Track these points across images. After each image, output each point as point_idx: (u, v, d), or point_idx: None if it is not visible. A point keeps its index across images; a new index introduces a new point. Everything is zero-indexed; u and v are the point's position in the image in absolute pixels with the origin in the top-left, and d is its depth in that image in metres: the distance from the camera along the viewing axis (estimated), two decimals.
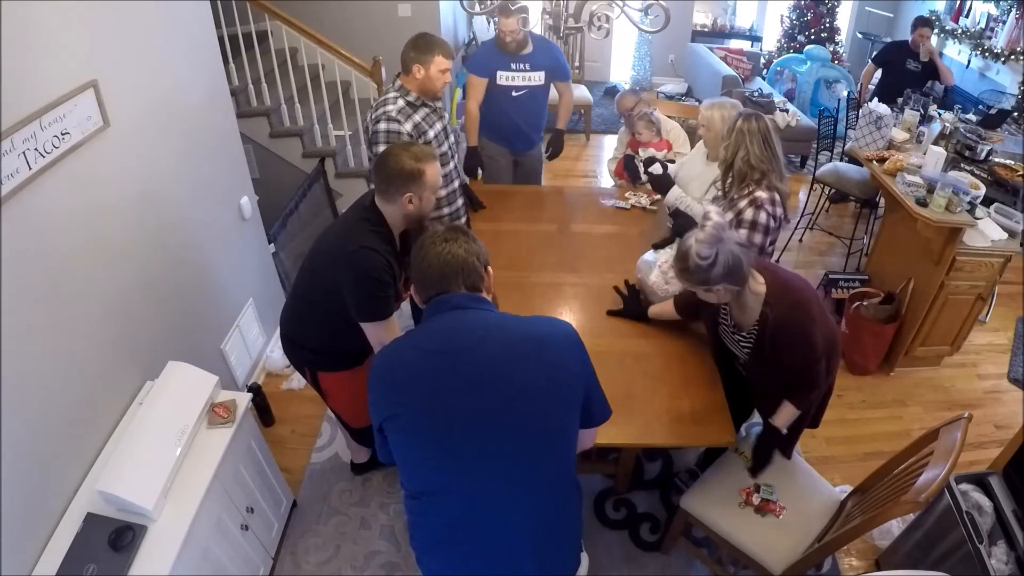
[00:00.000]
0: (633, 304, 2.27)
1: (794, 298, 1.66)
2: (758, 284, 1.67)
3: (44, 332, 1.60)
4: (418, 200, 1.78)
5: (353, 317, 1.79)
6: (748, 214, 2.00)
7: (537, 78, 3.08)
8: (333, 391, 2.10)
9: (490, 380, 1.24)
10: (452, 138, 2.62)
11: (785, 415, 1.81)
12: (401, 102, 2.39)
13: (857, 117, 4.18)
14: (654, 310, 2.22)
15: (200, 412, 1.86)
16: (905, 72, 4.49)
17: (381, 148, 2.28)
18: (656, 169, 2.56)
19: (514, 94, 3.09)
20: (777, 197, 2.02)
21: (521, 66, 3.04)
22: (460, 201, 2.71)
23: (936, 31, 5.56)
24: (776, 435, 1.88)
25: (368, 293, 1.75)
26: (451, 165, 2.59)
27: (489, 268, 1.40)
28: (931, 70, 4.46)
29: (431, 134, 2.44)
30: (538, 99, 3.18)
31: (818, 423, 2.00)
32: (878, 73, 4.73)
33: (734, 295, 1.67)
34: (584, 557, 1.47)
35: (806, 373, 1.72)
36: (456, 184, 2.67)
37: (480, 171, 3.29)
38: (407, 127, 2.37)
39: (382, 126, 2.34)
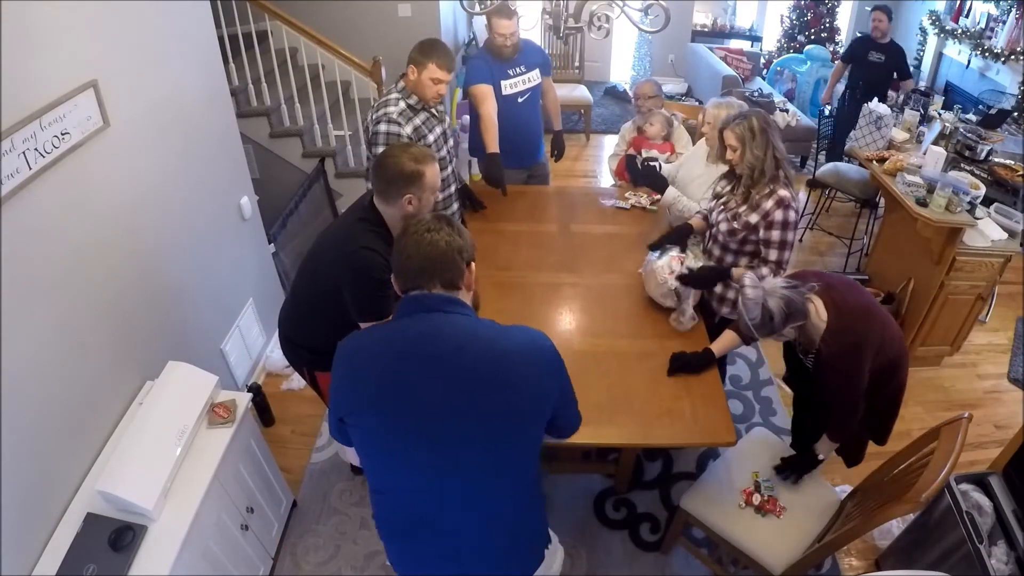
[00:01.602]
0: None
1: (850, 342, 1.73)
2: (819, 319, 1.74)
3: (44, 332, 1.60)
4: (418, 201, 1.78)
5: (352, 317, 1.79)
6: (778, 215, 2.01)
7: (535, 77, 3.04)
8: None
9: (463, 390, 1.23)
10: (451, 142, 2.61)
11: (825, 445, 1.92)
12: (403, 104, 2.38)
13: (821, 116, 4.17)
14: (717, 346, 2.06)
15: (200, 412, 1.86)
16: (868, 64, 4.49)
17: (380, 150, 2.27)
18: (651, 163, 2.57)
19: (519, 100, 3.02)
20: (792, 192, 2.03)
21: (519, 70, 2.98)
22: (456, 205, 2.70)
23: (936, 31, 5.55)
24: (812, 458, 1.96)
25: (367, 293, 1.75)
26: (449, 169, 2.59)
27: (472, 264, 1.35)
28: (894, 58, 4.45)
29: (431, 138, 2.44)
30: (538, 99, 3.14)
31: (884, 440, 2.01)
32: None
33: (800, 328, 1.74)
34: (558, 552, 1.48)
35: (839, 409, 1.82)
36: (453, 188, 2.66)
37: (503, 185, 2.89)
38: (407, 130, 2.36)
39: (382, 128, 2.34)
